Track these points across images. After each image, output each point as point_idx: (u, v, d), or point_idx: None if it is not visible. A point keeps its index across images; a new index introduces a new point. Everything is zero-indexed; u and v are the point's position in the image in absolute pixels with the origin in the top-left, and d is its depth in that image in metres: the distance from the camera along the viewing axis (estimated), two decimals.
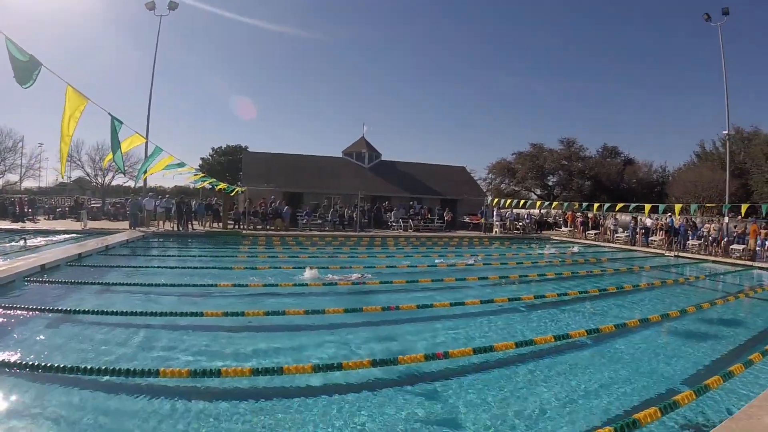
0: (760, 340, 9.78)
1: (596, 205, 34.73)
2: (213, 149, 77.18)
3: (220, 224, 31.98)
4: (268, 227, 31.93)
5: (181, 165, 18.60)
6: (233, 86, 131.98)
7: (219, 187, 29.68)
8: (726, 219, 30.03)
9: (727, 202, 30.80)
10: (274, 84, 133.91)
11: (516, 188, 69.54)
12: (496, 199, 41.30)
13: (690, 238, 28.36)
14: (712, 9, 33.29)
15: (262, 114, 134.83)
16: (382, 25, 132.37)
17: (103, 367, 6.23)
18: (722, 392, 6.62)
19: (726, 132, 34.82)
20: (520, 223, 40.27)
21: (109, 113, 11.55)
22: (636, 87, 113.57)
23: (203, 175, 31.32)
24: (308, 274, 14.04)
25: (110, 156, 16.70)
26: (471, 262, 19.57)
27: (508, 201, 39.32)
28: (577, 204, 38.82)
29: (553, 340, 8.51)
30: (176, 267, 15.87)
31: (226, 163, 73.87)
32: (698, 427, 5.56)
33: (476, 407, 5.95)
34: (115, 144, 12.59)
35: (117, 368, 6.22)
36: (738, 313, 13.23)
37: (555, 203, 45.88)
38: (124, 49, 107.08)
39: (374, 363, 6.64)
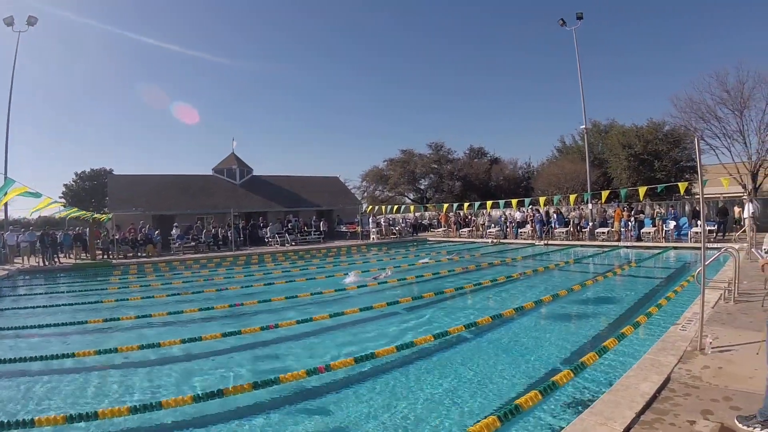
0: (630, 314, 10.35)
1: (466, 204, 35.88)
2: (76, 174, 71.68)
3: (89, 255, 29.66)
4: (139, 254, 30.18)
5: (36, 195, 16.93)
6: (94, 105, 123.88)
7: (79, 215, 27.55)
8: (589, 206, 32.06)
9: (589, 191, 32.83)
10: (137, 101, 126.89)
11: (390, 194, 70.59)
12: (371, 207, 41.57)
13: (556, 226, 29.98)
14: (566, 14, 35.70)
15: (127, 133, 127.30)
16: (246, 38, 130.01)
17: None
18: (602, 366, 6.85)
19: (583, 126, 37.49)
20: (396, 228, 40.76)
21: None
22: (497, 89, 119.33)
23: (62, 204, 28.84)
24: (351, 278, 15.73)
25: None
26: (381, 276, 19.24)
27: (383, 207, 39.72)
28: (446, 205, 39.92)
29: (433, 339, 8.52)
30: (44, 306, 14.42)
31: (91, 188, 68.74)
32: (583, 402, 5.60)
33: (363, 416, 5.81)
34: None
35: None
36: (608, 290, 14.06)
37: (429, 205, 46.94)
38: None
39: (255, 385, 6.34)
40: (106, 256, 29.61)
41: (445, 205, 40.14)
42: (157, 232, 31.88)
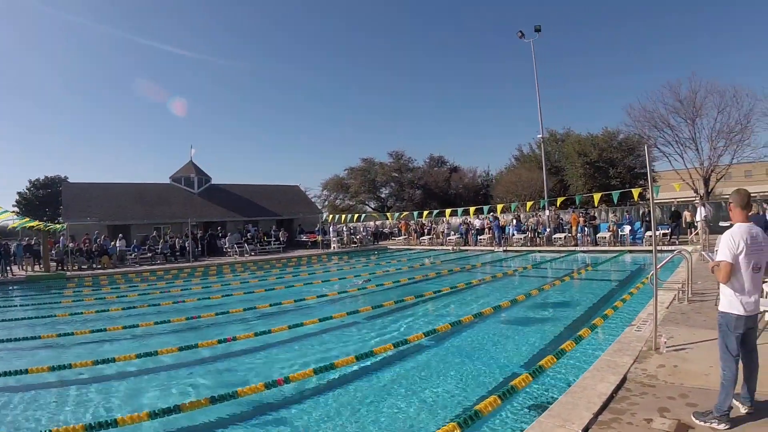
0: (587, 316, 10.44)
1: (426, 212, 36.07)
2: (30, 182, 69.76)
3: (43, 267, 28.59)
4: (94, 266, 29.19)
5: None
6: (47, 112, 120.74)
7: (32, 225, 26.62)
8: (546, 212, 32.46)
9: (546, 198, 33.27)
10: (91, 108, 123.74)
11: (351, 203, 70.30)
12: (332, 215, 41.36)
13: (514, 233, 30.32)
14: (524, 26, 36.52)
15: (82, 141, 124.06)
16: (205, 42, 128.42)
17: None
18: (560, 369, 6.88)
19: (540, 135, 38.05)
20: (357, 237, 40.68)
21: None
22: (456, 100, 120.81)
23: (14, 213, 27.80)
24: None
25: None
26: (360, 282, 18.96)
27: (344, 216, 39.55)
28: (406, 213, 40.08)
29: (392, 347, 8.40)
30: None
31: (46, 196, 67.01)
32: (542, 405, 5.57)
33: (323, 428, 5.72)
34: None
35: None
36: (566, 294, 14.22)
37: (389, 214, 46.98)
38: None
39: (213, 400, 6.11)
40: (60, 268, 28.71)
41: (405, 213, 40.29)
42: (113, 242, 31.05)
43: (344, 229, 40.99)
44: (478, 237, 32.95)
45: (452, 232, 35.81)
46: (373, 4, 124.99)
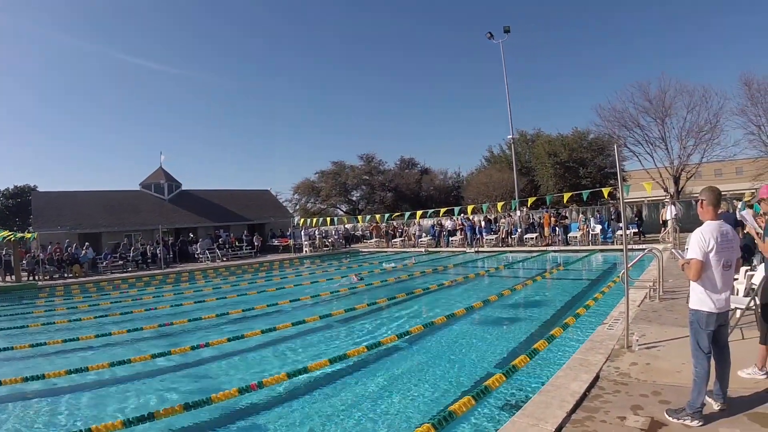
0: (560, 316, 10.51)
1: (396, 214, 36.12)
2: None
3: (14, 277, 27.96)
4: (65, 275, 28.61)
5: None
6: (15, 121, 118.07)
7: (1, 235, 26.00)
8: (518, 213, 32.68)
9: (516, 198, 33.48)
10: (59, 115, 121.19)
11: (322, 206, 70.13)
12: (303, 219, 41.18)
13: (484, 234, 30.48)
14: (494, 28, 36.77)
15: (51, 149, 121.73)
16: (172, 49, 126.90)
17: None
18: (533, 368, 6.90)
19: (510, 136, 38.34)
20: (329, 240, 40.53)
21: None
22: (426, 103, 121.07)
23: None
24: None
25: None
26: (354, 281, 18.92)
27: (315, 220, 39.39)
28: (378, 216, 40.06)
29: (366, 350, 8.40)
30: None
31: (15, 206, 65.81)
32: (516, 404, 5.59)
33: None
34: None
35: None
36: (538, 294, 14.35)
37: (360, 217, 46.91)
38: None
39: (187, 406, 6.07)
40: (31, 278, 28.13)
41: (377, 216, 40.31)
42: (84, 251, 30.50)
43: (316, 232, 40.82)
44: (450, 238, 33.13)
45: (424, 234, 35.93)
46: (340, 4, 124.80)
